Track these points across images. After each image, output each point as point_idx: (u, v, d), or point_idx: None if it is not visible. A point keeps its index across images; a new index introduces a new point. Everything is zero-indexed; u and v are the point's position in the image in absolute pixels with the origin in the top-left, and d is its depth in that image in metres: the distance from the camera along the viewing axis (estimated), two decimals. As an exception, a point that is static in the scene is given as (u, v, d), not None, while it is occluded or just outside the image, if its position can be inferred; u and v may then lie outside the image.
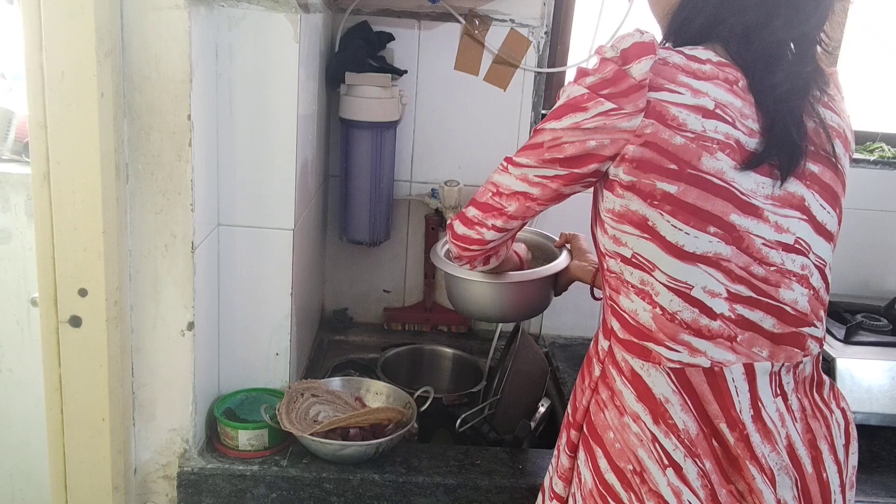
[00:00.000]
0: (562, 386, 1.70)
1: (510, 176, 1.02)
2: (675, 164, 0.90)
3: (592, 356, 1.06)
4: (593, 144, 0.93)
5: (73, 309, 1.12)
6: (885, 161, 1.93)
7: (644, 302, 0.96)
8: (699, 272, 0.92)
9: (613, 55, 0.92)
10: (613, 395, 0.99)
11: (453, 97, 1.84)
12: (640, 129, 0.90)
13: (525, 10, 1.79)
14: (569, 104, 0.95)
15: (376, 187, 1.75)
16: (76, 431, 1.17)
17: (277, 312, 1.40)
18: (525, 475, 1.33)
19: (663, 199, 0.91)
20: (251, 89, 1.29)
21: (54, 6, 1.01)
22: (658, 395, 0.96)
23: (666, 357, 0.95)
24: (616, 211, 0.95)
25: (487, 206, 1.06)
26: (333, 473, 1.28)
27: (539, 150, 0.98)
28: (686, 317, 0.94)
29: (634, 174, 0.92)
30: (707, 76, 0.92)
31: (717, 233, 0.91)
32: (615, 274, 0.99)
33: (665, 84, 0.91)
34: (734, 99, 0.92)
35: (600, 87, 0.92)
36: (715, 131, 0.90)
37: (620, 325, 0.99)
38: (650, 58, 0.90)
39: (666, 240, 0.92)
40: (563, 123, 0.95)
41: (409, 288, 1.98)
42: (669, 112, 0.90)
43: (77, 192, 1.08)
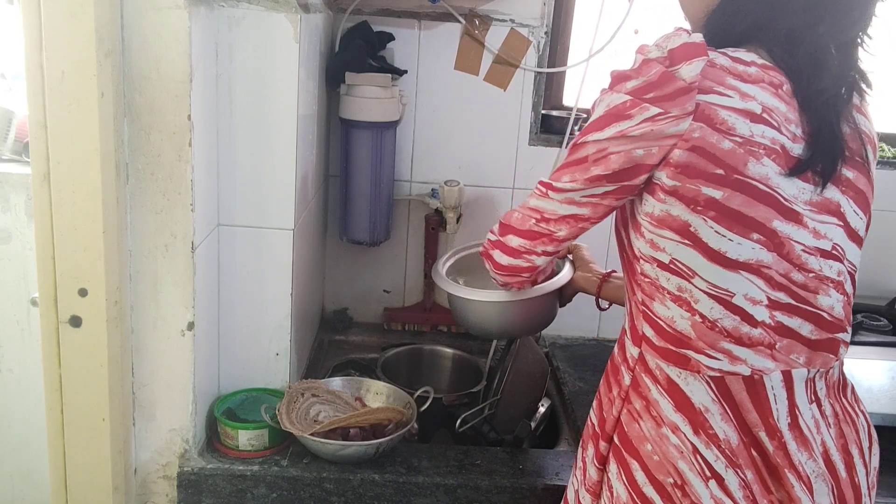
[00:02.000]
0: (562, 386, 1.70)
1: (553, 201, 0.99)
2: (722, 168, 0.88)
3: (619, 364, 1.03)
4: (640, 153, 0.90)
5: (73, 309, 1.12)
6: (886, 161, 1.93)
7: (682, 309, 0.94)
8: (741, 279, 0.91)
9: (659, 55, 0.89)
10: (649, 406, 0.97)
11: (453, 97, 1.84)
12: (688, 133, 0.88)
13: (525, 10, 1.79)
14: (610, 113, 0.92)
15: (376, 187, 1.75)
16: (76, 431, 1.17)
17: (277, 312, 1.40)
18: (525, 475, 1.33)
19: (707, 204, 0.89)
20: (251, 89, 1.29)
21: (54, 6, 1.01)
22: (697, 404, 0.94)
23: (706, 365, 0.93)
24: (656, 215, 0.93)
25: (533, 234, 1.03)
26: (334, 473, 1.28)
27: (583, 165, 0.95)
28: (727, 325, 0.92)
29: (678, 179, 0.89)
30: (753, 79, 0.90)
31: (760, 239, 0.90)
32: (650, 279, 0.96)
33: (714, 87, 0.88)
34: (779, 103, 0.90)
35: (644, 91, 0.89)
36: (762, 136, 0.88)
37: (655, 333, 0.97)
38: (701, 59, 0.88)
39: (708, 246, 0.90)
40: (606, 133, 0.92)
41: (409, 288, 1.98)
42: (718, 116, 0.88)
43: (77, 192, 1.08)
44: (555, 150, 1.88)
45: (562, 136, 1.87)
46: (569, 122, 1.85)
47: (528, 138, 1.88)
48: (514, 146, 1.88)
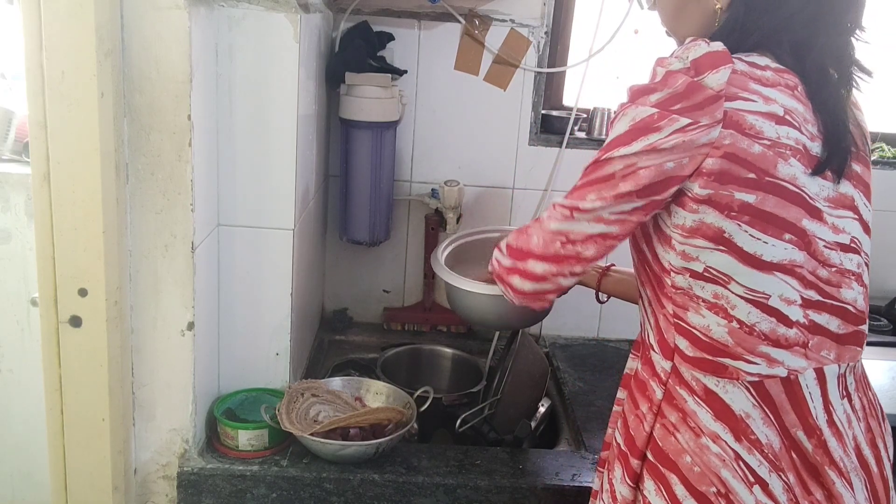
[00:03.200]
0: (562, 386, 1.70)
1: (580, 221, 0.96)
2: (754, 172, 0.88)
3: (648, 379, 1.02)
4: (671, 166, 0.89)
5: (73, 309, 1.12)
6: (886, 161, 1.93)
7: (718, 316, 0.93)
8: (776, 281, 0.91)
9: (683, 66, 0.89)
10: (686, 417, 0.96)
11: (453, 97, 1.84)
12: (719, 140, 0.88)
13: (525, 10, 1.79)
14: (637, 127, 0.90)
15: (376, 187, 1.75)
16: (76, 431, 1.17)
17: (277, 312, 1.40)
18: (525, 475, 1.33)
19: (742, 209, 0.89)
20: (251, 89, 1.29)
21: (54, 6, 1.01)
22: (738, 411, 0.93)
23: (745, 371, 0.93)
24: (688, 226, 0.92)
25: (560, 258, 0.99)
26: (333, 473, 1.28)
27: (610, 182, 0.93)
28: (764, 328, 0.92)
29: (711, 187, 0.89)
30: (771, 82, 0.91)
31: (792, 239, 0.91)
32: (682, 290, 0.95)
33: (739, 93, 0.88)
34: (797, 104, 0.92)
35: (671, 102, 0.89)
36: (787, 137, 0.89)
37: (690, 343, 0.96)
38: (727, 67, 0.88)
39: (743, 251, 0.90)
40: (634, 148, 0.90)
41: (409, 288, 1.98)
42: (746, 121, 0.88)
43: (77, 192, 1.08)
44: (555, 150, 1.88)
45: (562, 136, 1.87)
46: (569, 122, 1.85)
47: (528, 138, 1.87)
48: (514, 146, 1.88)
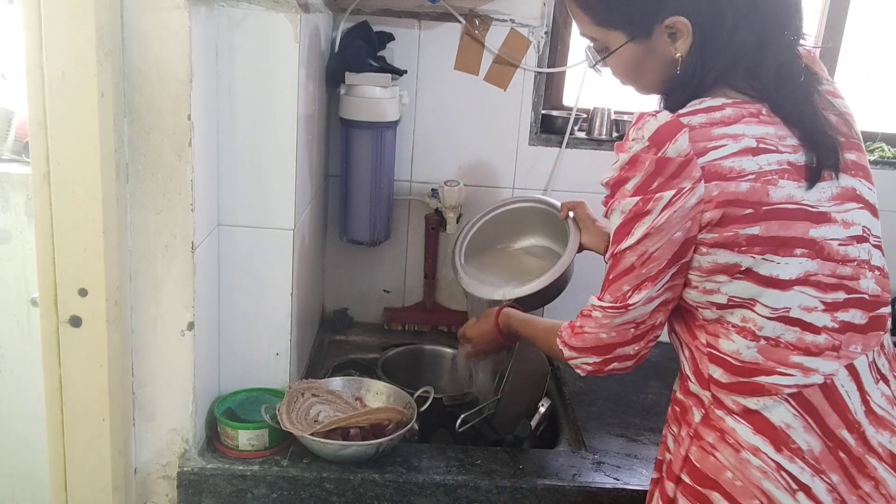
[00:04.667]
0: (562, 386, 1.70)
1: (635, 309, 0.98)
2: (750, 207, 0.91)
3: (689, 406, 1.03)
4: (679, 235, 0.93)
5: (73, 309, 1.12)
6: (886, 161, 1.93)
7: (746, 339, 0.95)
8: (794, 294, 0.94)
9: (642, 146, 0.92)
10: (724, 435, 0.97)
11: (453, 97, 1.84)
12: (707, 194, 0.91)
13: (525, 10, 1.79)
14: (628, 220, 0.95)
15: (376, 187, 1.75)
16: (76, 431, 1.17)
17: (277, 312, 1.40)
18: (525, 475, 1.33)
19: (750, 242, 0.92)
20: (251, 89, 1.29)
21: (54, 6, 1.01)
22: (777, 423, 0.95)
23: (782, 385, 0.95)
24: (704, 268, 0.95)
25: (639, 336, 1.01)
26: (334, 473, 1.28)
27: (634, 272, 0.96)
28: (790, 338, 0.94)
29: (716, 231, 0.92)
30: (733, 119, 0.93)
31: (804, 252, 0.93)
32: (711, 321, 0.98)
33: (707, 145, 0.91)
34: (766, 128, 0.94)
35: (648, 183, 0.92)
36: (768, 164, 0.92)
37: (723, 371, 0.98)
38: (683, 132, 0.91)
39: (761, 275, 0.93)
40: (636, 235, 0.94)
41: (409, 288, 1.98)
42: (724, 167, 0.91)
43: (77, 192, 1.08)
44: (555, 150, 1.88)
45: (562, 136, 1.87)
46: (569, 122, 1.85)
47: (528, 138, 1.87)
48: (514, 146, 1.88)
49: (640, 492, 1.31)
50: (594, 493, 1.31)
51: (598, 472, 1.36)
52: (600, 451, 1.43)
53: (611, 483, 1.33)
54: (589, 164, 1.89)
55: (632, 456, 1.42)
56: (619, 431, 1.51)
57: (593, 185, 1.87)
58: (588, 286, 1.73)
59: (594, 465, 1.38)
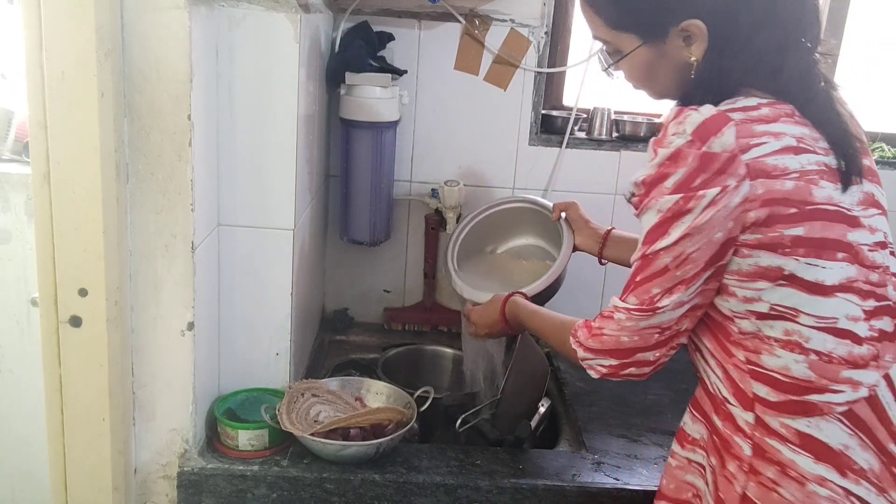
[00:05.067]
0: (563, 386, 1.70)
1: (663, 313, 0.94)
2: (794, 207, 0.88)
3: (730, 435, 0.98)
4: (720, 236, 0.89)
5: (73, 309, 1.12)
6: (886, 161, 1.93)
7: (794, 353, 0.92)
8: (839, 302, 0.91)
9: (685, 140, 0.88)
10: (785, 469, 0.93)
11: (453, 97, 1.84)
12: (752, 193, 0.88)
13: (525, 10, 1.79)
14: (666, 219, 0.91)
15: (376, 187, 1.75)
16: (76, 431, 1.17)
17: (277, 312, 1.40)
18: (525, 475, 1.33)
19: (794, 243, 0.89)
20: (251, 89, 1.29)
21: (54, 6, 1.01)
22: (836, 446, 0.91)
23: (834, 402, 0.91)
24: (744, 271, 0.92)
25: (663, 342, 0.97)
26: (334, 473, 1.28)
27: (667, 274, 0.92)
28: (842, 352, 0.92)
29: (760, 232, 0.89)
30: (772, 118, 0.91)
31: (845, 256, 0.91)
32: (750, 334, 0.94)
33: (750, 142, 0.88)
34: (802, 128, 0.92)
35: (690, 179, 0.88)
36: (809, 163, 0.90)
37: (771, 388, 0.93)
38: (730, 126, 0.88)
39: (806, 280, 0.90)
40: (673, 236, 0.90)
41: (410, 288, 1.98)
42: (769, 164, 0.88)
43: (77, 192, 1.08)
44: (555, 150, 1.88)
45: (562, 136, 1.87)
46: (569, 122, 1.85)
47: (528, 138, 1.87)
48: (514, 146, 1.88)
49: (639, 492, 1.31)
50: (594, 494, 1.31)
51: (599, 472, 1.36)
52: (600, 451, 1.43)
53: (611, 483, 1.33)
54: (589, 165, 1.89)
55: (632, 456, 1.42)
56: (619, 432, 1.51)
57: (593, 186, 1.90)
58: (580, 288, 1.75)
59: (594, 466, 1.38)
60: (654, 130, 1.92)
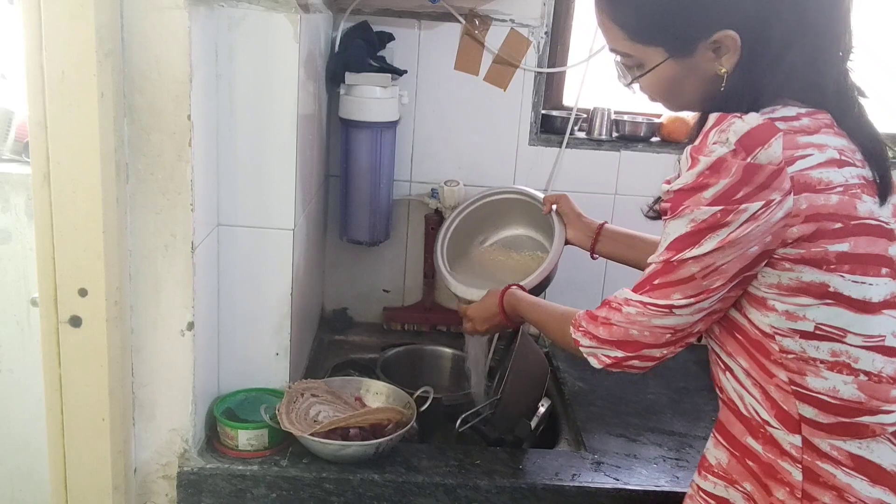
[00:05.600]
0: (562, 386, 1.70)
1: (680, 316, 0.92)
2: (839, 222, 0.85)
3: (773, 460, 0.94)
4: (755, 250, 0.86)
5: (73, 309, 1.12)
6: (885, 161, 1.93)
7: (842, 375, 0.89)
8: (885, 319, 0.89)
9: (728, 149, 0.84)
10: (842, 493, 0.90)
11: (453, 97, 1.84)
12: (796, 208, 0.84)
13: (525, 10, 1.79)
14: (701, 228, 0.86)
15: (376, 187, 1.75)
16: (76, 431, 1.17)
17: (277, 312, 1.40)
18: (525, 475, 1.33)
19: (839, 259, 0.86)
20: (251, 89, 1.29)
21: (54, 6, 1.01)
22: (889, 467, 0.90)
23: (887, 423, 0.90)
24: (785, 285, 0.88)
25: (674, 342, 0.95)
26: (333, 473, 1.28)
27: (693, 283, 0.89)
28: (890, 371, 0.89)
29: (803, 247, 0.86)
30: (813, 129, 0.88)
31: (889, 272, 0.89)
32: (794, 354, 0.90)
33: (794, 154, 0.84)
34: (841, 140, 0.89)
35: (732, 192, 0.84)
36: (852, 177, 0.88)
37: (819, 410, 0.90)
38: (777, 137, 0.84)
39: (853, 299, 0.87)
40: (706, 248, 0.87)
41: (409, 288, 1.98)
42: (813, 178, 0.85)
43: (77, 192, 1.08)
44: (555, 150, 1.88)
45: (562, 136, 1.87)
46: (569, 122, 1.85)
47: (528, 138, 1.88)
48: (514, 146, 1.88)
49: (639, 492, 1.31)
50: (594, 493, 1.31)
51: (598, 472, 1.36)
52: (600, 451, 1.43)
53: (610, 483, 1.33)
54: (589, 164, 1.89)
55: (631, 456, 1.42)
56: (618, 432, 1.51)
57: (593, 185, 1.90)
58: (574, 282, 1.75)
59: (594, 466, 1.38)
60: (654, 130, 1.93)
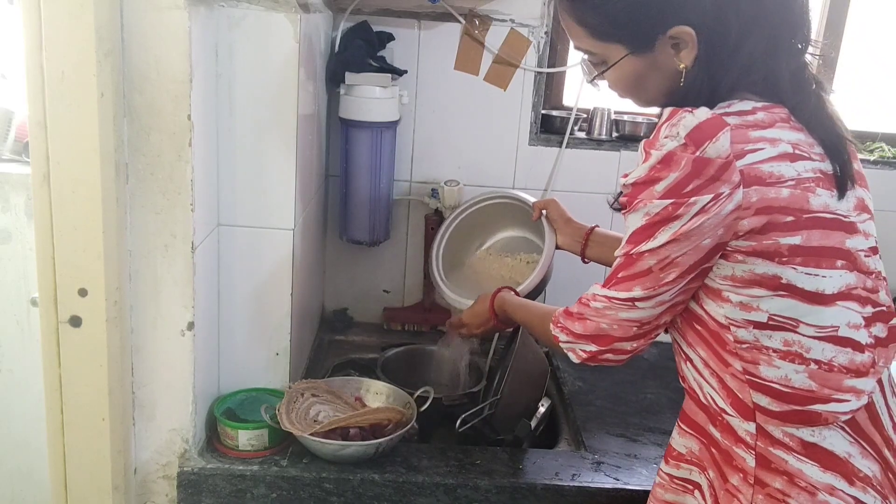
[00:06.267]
0: (562, 385, 1.70)
1: (643, 309, 0.94)
2: (791, 215, 0.87)
3: (729, 447, 0.96)
4: (707, 242, 0.88)
5: (73, 309, 1.12)
6: (886, 161, 1.93)
7: (794, 364, 0.90)
8: (840, 310, 0.90)
9: (678, 143, 0.86)
10: (793, 479, 0.91)
11: (453, 97, 1.84)
12: (746, 201, 0.85)
13: (525, 10, 1.79)
14: (654, 221, 0.88)
15: (376, 187, 1.75)
16: (76, 431, 1.17)
17: (277, 312, 1.40)
18: (525, 475, 1.33)
19: (791, 252, 0.87)
20: (251, 89, 1.29)
21: (54, 6, 1.01)
22: (841, 454, 0.91)
23: (839, 412, 0.91)
24: (738, 276, 0.90)
25: (641, 335, 0.97)
26: (333, 473, 1.28)
27: (650, 275, 0.91)
28: (843, 360, 0.90)
29: (754, 239, 0.87)
30: (767, 123, 0.89)
31: (844, 264, 0.89)
32: (747, 344, 0.92)
33: (744, 148, 0.86)
34: (798, 134, 0.90)
35: (682, 185, 0.86)
36: (805, 171, 0.88)
37: (772, 398, 0.92)
38: (725, 131, 0.85)
39: (805, 291, 0.88)
40: (660, 240, 0.89)
41: (409, 288, 1.98)
42: (764, 171, 0.86)
43: (77, 192, 1.08)
44: (555, 150, 1.88)
45: (562, 136, 1.87)
46: (569, 122, 1.85)
47: (528, 138, 1.88)
48: (514, 146, 1.88)
49: (639, 492, 1.31)
50: (594, 493, 1.31)
51: (598, 472, 1.36)
52: (600, 450, 1.43)
53: (610, 483, 1.33)
54: (589, 164, 1.89)
55: (631, 456, 1.42)
56: (618, 431, 1.51)
57: (593, 185, 1.90)
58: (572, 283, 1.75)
59: (594, 465, 1.38)
60: (653, 130, 1.92)
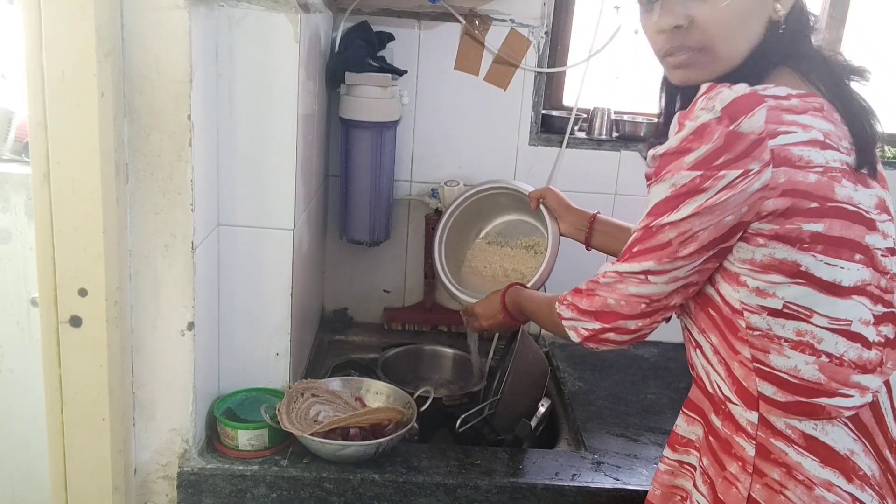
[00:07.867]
0: (562, 386, 1.70)
1: (655, 284, 0.93)
2: (816, 201, 0.86)
3: (729, 435, 0.96)
4: (730, 219, 0.86)
5: (73, 309, 1.12)
6: (885, 161, 1.93)
7: (804, 355, 0.90)
8: (853, 304, 0.89)
9: (713, 116, 0.85)
10: (791, 471, 0.91)
11: (453, 97, 1.84)
12: (774, 181, 0.84)
13: (525, 10, 1.79)
14: (680, 193, 0.87)
15: (376, 187, 1.75)
16: (76, 431, 1.17)
17: (277, 312, 1.40)
18: (525, 475, 1.33)
19: (813, 239, 0.86)
20: (251, 89, 1.29)
21: (54, 6, 1.01)
22: (842, 450, 0.90)
23: (843, 407, 0.90)
24: (758, 261, 0.89)
25: (649, 313, 0.96)
26: (333, 473, 1.28)
27: (669, 248, 0.90)
28: (852, 356, 0.90)
29: (777, 223, 0.86)
30: (800, 109, 0.88)
31: (862, 259, 0.89)
32: (761, 331, 0.91)
33: (778, 128, 0.85)
34: (829, 125, 0.89)
35: (712, 158, 0.85)
36: (834, 161, 0.87)
37: (778, 388, 0.91)
38: (762, 107, 0.84)
39: (822, 280, 0.88)
40: (683, 212, 0.87)
41: (409, 288, 1.98)
42: (794, 153, 0.85)
43: (77, 192, 1.08)
44: (555, 150, 1.88)
45: (562, 136, 1.87)
46: (569, 122, 1.85)
47: (528, 138, 1.88)
48: (514, 146, 1.88)
49: (639, 492, 1.31)
50: (594, 493, 1.31)
51: (598, 472, 1.36)
52: (600, 450, 1.43)
53: (610, 483, 1.33)
54: (589, 164, 1.89)
55: (631, 456, 1.42)
56: (618, 431, 1.51)
57: (594, 185, 1.90)
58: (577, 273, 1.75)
59: (594, 465, 1.38)
60: (653, 130, 1.93)
